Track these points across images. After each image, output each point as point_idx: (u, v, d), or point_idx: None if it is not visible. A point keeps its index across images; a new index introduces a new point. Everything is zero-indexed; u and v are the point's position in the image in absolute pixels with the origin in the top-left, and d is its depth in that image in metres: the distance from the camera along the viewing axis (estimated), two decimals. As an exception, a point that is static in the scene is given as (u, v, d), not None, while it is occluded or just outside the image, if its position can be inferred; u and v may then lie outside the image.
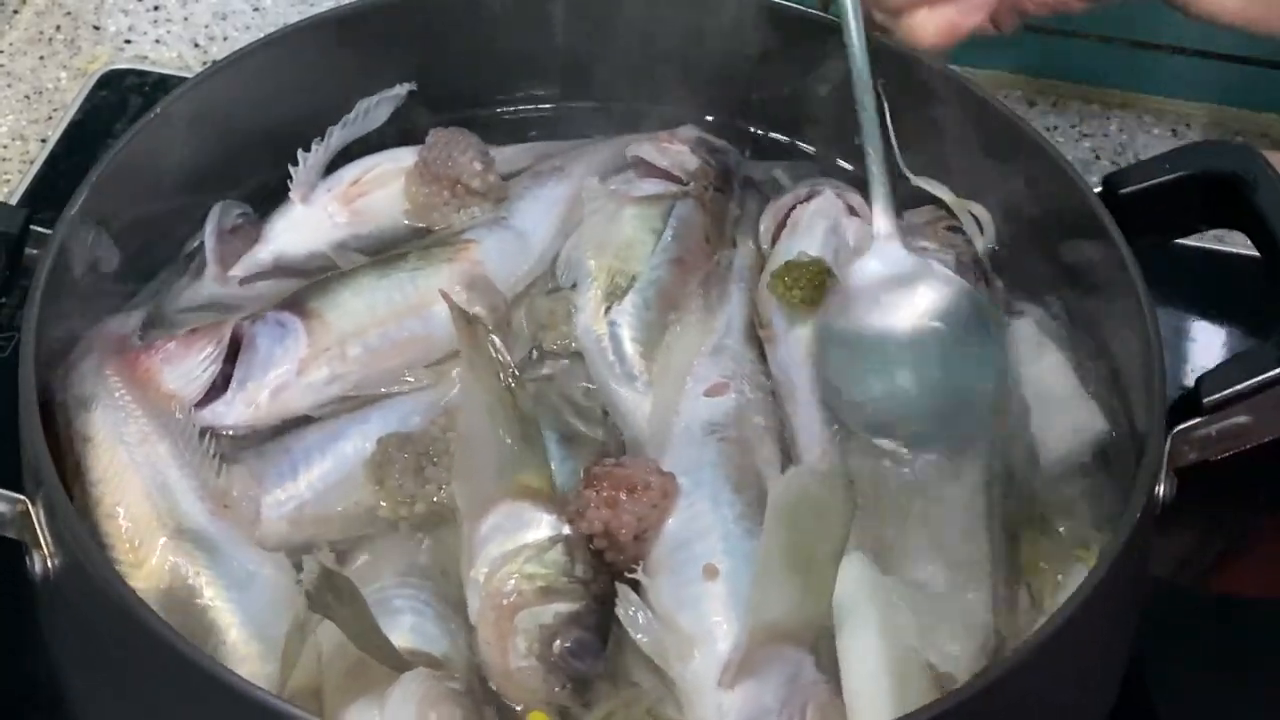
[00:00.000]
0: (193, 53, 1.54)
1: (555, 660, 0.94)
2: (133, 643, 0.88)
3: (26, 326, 0.98)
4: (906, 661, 0.94)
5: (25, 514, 0.92)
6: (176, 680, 0.87)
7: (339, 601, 0.90)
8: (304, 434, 1.07)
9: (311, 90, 1.21)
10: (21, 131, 1.45)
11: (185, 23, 1.56)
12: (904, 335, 1.09)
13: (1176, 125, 1.51)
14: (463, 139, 1.20)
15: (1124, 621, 1.00)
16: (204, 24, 1.56)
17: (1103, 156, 1.48)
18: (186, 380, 1.07)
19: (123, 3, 1.57)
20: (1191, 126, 1.51)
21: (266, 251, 1.18)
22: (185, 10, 1.57)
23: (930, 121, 1.16)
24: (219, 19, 1.57)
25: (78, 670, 0.98)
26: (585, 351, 1.12)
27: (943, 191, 1.18)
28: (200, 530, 1.00)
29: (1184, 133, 1.51)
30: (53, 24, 1.55)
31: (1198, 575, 1.19)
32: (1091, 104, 1.52)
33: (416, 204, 1.20)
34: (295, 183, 1.19)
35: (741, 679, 0.92)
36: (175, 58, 1.53)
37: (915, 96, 1.16)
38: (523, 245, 1.17)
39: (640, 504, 0.98)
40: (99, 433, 1.03)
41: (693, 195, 1.19)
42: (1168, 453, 0.98)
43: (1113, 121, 1.51)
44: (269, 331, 1.09)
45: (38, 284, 1.01)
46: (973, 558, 1.01)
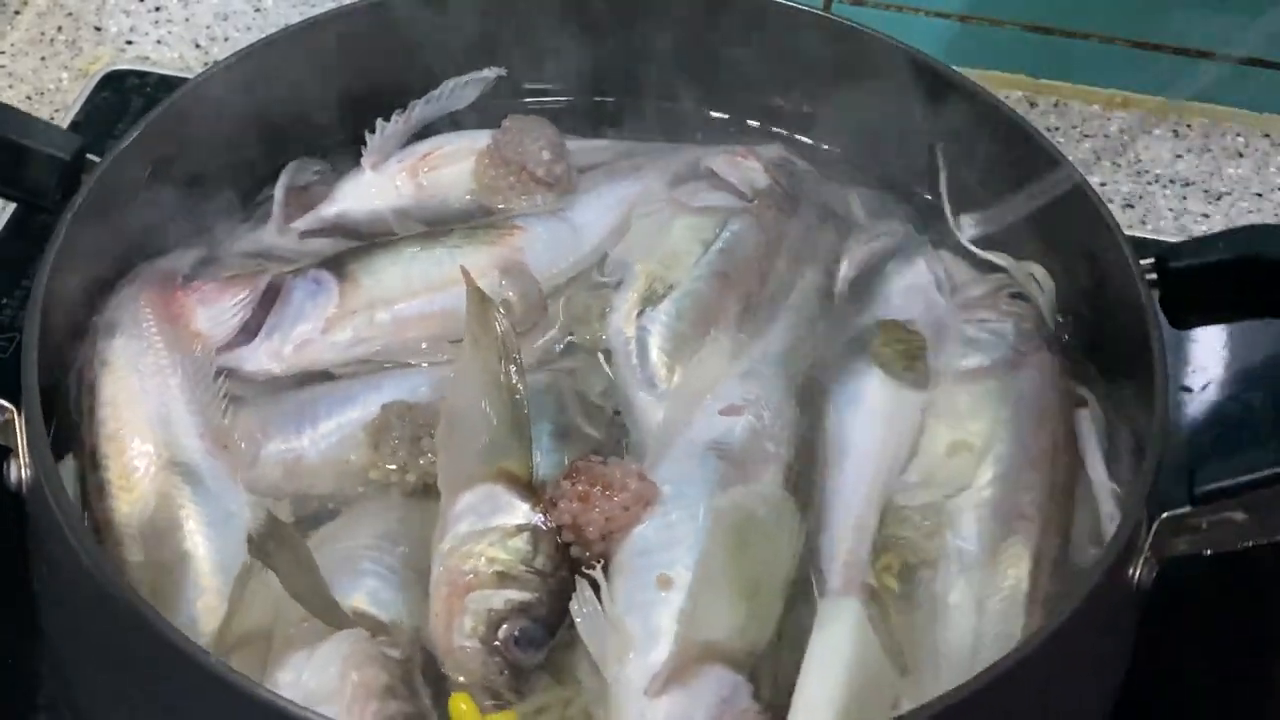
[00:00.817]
0: (194, 53, 1.54)
1: (497, 645, 0.94)
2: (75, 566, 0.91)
3: (53, 246, 1.02)
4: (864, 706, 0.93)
5: (10, 423, 0.96)
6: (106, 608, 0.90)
7: (281, 552, 0.92)
8: (319, 389, 1.10)
9: (402, 60, 1.23)
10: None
11: (186, 23, 1.57)
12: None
13: (1177, 126, 1.52)
14: (537, 128, 1.21)
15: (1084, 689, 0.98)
16: (205, 24, 1.57)
17: (1103, 157, 1.48)
18: (216, 322, 1.10)
19: (124, 4, 1.58)
20: (1193, 127, 1.52)
21: (330, 210, 1.21)
22: (186, 11, 1.58)
23: (994, 179, 1.15)
24: (220, 19, 1.57)
25: (42, 574, 1.01)
26: (613, 351, 1.12)
27: (1003, 259, 1.16)
28: (193, 466, 1.03)
29: (1184, 133, 1.52)
30: (54, 25, 1.56)
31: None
32: (1092, 104, 1.52)
33: (482, 184, 1.21)
34: (369, 149, 1.21)
35: (670, 690, 0.91)
36: (177, 58, 1.54)
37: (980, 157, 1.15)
38: (574, 237, 1.18)
39: (612, 504, 0.99)
40: (117, 358, 1.06)
41: (752, 213, 1.18)
42: (1151, 536, 0.95)
43: (1114, 122, 1.52)
44: (305, 287, 1.12)
45: (73, 205, 1.04)
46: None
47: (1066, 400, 1.09)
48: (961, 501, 1.03)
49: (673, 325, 1.12)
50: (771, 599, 0.95)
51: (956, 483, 1.04)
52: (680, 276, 1.14)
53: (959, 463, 1.05)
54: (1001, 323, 1.11)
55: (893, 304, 1.12)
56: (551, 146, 1.20)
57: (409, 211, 1.21)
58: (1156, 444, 0.97)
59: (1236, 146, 1.52)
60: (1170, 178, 1.49)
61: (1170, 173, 1.49)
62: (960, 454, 1.05)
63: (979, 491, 1.03)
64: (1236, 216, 1.46)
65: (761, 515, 0.97)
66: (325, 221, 1.21)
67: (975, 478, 1.04)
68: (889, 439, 1.06)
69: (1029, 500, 1.02)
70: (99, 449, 1.03)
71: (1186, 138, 1.51)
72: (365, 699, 0.90)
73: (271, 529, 0.92)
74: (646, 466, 1.04)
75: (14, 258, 1.30)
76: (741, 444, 1.05)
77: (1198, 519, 0.96)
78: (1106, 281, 1.09)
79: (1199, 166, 1.50)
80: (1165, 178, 1.49)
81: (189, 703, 0.88)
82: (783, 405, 1.08)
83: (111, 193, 1.08)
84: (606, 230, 1.19)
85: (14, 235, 1.33)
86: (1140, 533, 0.95)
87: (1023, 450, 1.04)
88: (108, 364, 1.06)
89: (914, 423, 1.07)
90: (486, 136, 1.22)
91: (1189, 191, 1.48)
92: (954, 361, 1.10)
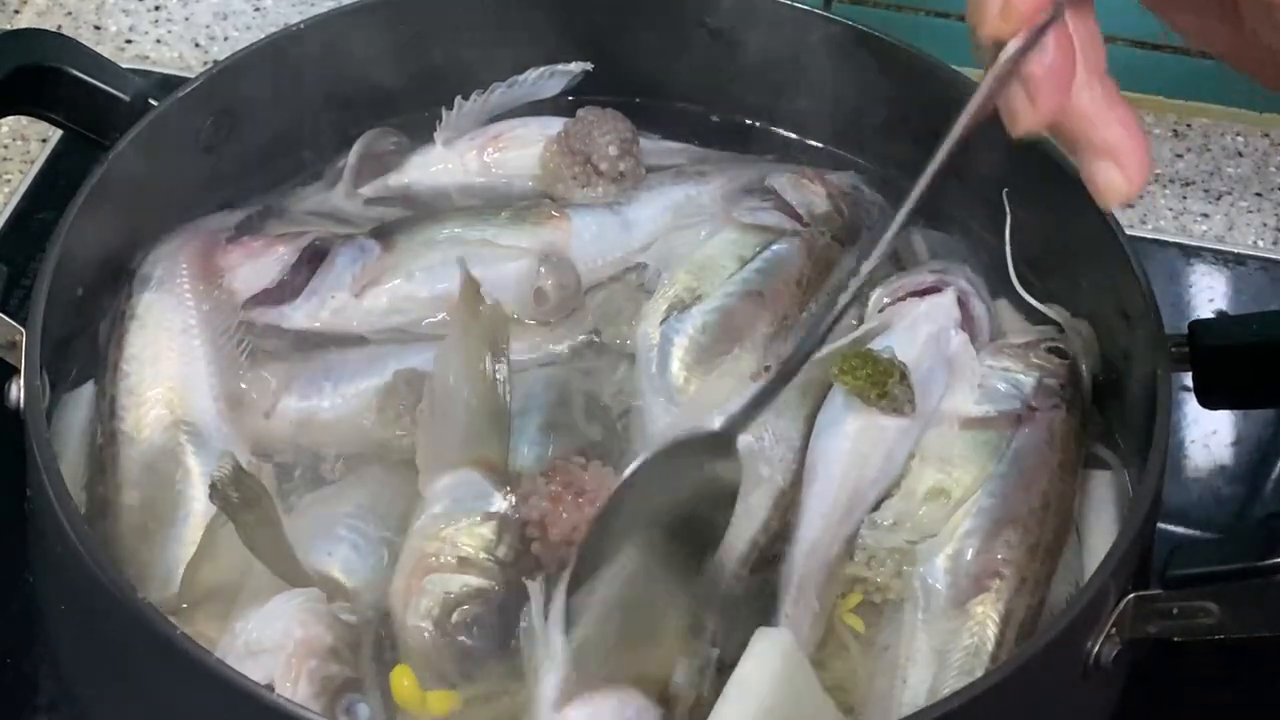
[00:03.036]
0: (194, 52, 1.54)
1: (449, 628, 0.96)
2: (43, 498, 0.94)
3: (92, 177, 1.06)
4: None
5: (17, 345, 0.99)
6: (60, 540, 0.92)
7: (242, 503, 0.94)
8: (349, 352, 1.12)
9: (490, 41, 1.25)
10: (22, 131, 1.45)
11: (186, 23, 1.57)
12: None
13: (1178, 126, 1.52)
14: (609, 121, 1.21)
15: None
16: (205, 24, 1.57)
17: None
18: (253, 279, 1.12)
19: (123, 3, 1.58)
20: (1193, 127, 1.52)
21: (398, 180, 1.23)
22: (186, 10, 1.58)
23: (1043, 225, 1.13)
24: (220, 19, 1.58)
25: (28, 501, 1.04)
26: (636, 355, 1.12)
27: (1057, 313, 1.14)
28: (202, 426, 1.05)
29: (1185, 133, 1.52)
30: (54, 24, 1.55)
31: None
32: None
33: (547, 170, 1.22)
34: (443, 125, 1.23)
35: (576, 707, 0.90)
36: (176, 58, 1.54)
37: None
38: (623, 234, 1.18)
39: (580, 511, 0.99)
40: (147, 313, 1.10)
41: (801, 237, 1.17)
42: (1117, 611, 0.93)
43: None
44: (349, 252, 1.15)
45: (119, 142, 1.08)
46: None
47: (1072, 462, 1.06)
48: (931, 548, 1.01)
49: (695, 337, 1.11)
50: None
51: (927, 529, 1.02)
52: (710, 289, 1.13)
53: (933, 509, 1.02)
54: (1024, 375, 1.08)
55: (895, 334, 1.10)
56: (620, 142, 1.21)
57: (473, 189, 1.23)
58: (1135, 519, 0.95)
59: (1236, 146, 1.52)
60: (1170, 177, 1.48)
61: (1170, 172, 1.48)
62: (937, 500, 1.03)
63: (952, 542, 1.01)
64: (1236, 216, 1.46)
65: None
66: (392, 191, 1.23)
67: (949, 527, 1.02)
68: (854, 468, 1.03)
69: (1005, 558, 1.00)
70: (117, 400, 1.06)
71: (1186, 137, 1.51)
72: (305, 656, 0.91)
73: (235, 478, 0.94)
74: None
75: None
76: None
77: (1169, 603, 0.93)
78: (1134, 349, 1.06)
79: (1199, 166, 1.49)
80: (1165, 177, 1.48)
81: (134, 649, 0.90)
82: (788, 432, 1.07)
83: (165, 139, 1.11)
84: (657, 232, 1.19)
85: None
86: (1105, 607, 0.93)
87: (1006, 507, 1.02)
88: (137, 317, 1.09)
89: (889, 453, 1.04)
90: (559, 124, 1.23)
91: (1189, 191, 1.48)
92: (961, 405, 1.07)
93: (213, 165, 1.16)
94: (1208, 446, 1.26)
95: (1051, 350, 1.11)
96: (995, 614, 0.98)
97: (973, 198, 1.19)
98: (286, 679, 0.90)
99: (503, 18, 1.24)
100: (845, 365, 1.05)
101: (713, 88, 1.28)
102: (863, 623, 1.00)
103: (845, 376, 1.04)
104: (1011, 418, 1.06)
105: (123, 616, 0.87)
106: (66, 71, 1.10)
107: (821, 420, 1.06)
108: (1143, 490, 0.96)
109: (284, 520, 0.99)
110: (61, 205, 1.05)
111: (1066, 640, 0.91)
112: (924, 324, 1.10)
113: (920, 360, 1.08)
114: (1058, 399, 1.08)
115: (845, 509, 1.02)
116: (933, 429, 1.06)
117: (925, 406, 1.06)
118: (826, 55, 1.23)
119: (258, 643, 0.92)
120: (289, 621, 0.92)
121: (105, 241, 1.09)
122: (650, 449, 0.96)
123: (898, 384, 1.04)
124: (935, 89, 1.18)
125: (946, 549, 1.01)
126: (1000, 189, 1.16)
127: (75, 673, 1.01)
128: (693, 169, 1.24)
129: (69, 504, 0.91)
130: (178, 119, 1.12)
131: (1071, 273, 1.14)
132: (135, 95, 1.11)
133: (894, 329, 1.11)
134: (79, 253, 1.05)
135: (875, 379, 1.04)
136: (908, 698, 0.97)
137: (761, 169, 1.24)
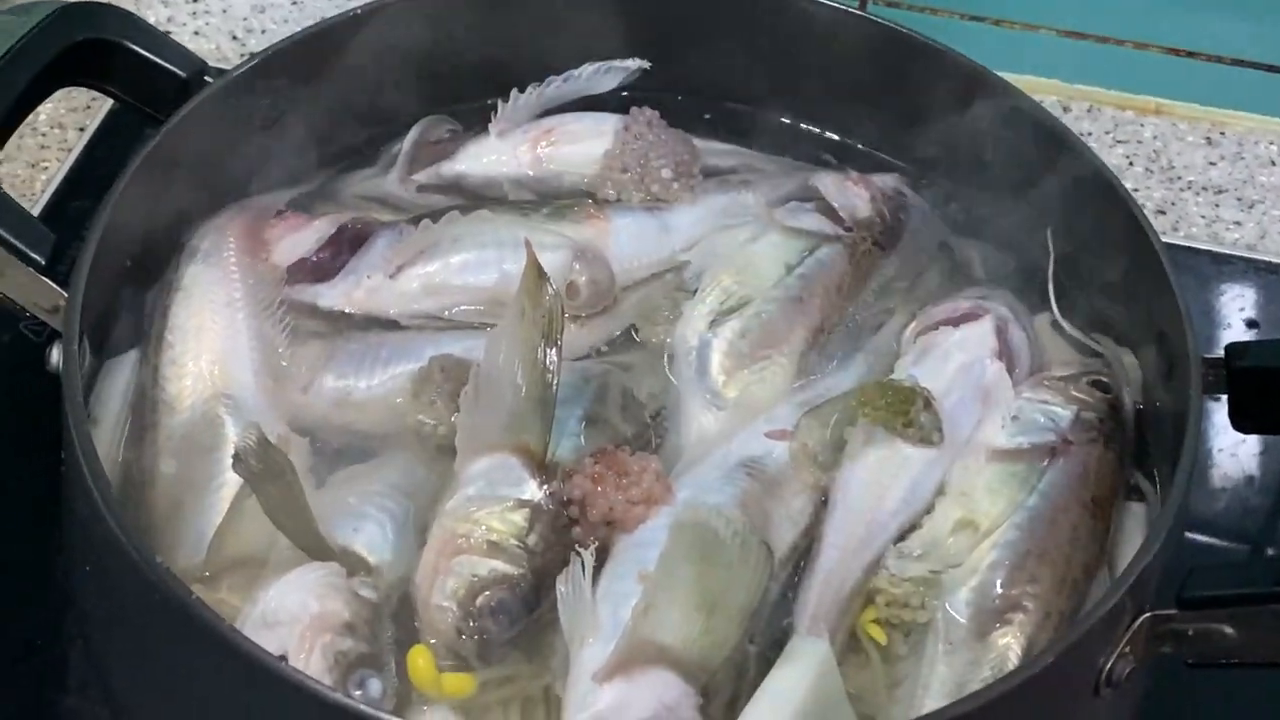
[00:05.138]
0: (231, 45, 1.55)
1: (472, 611, 0.96)
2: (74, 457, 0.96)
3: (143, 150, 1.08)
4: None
5: (59, 310, 1.01)
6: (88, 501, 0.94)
7: (265, 473, 0.95)
8: (387, 335, 1.13)
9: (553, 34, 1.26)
10: (60, 120, 1.45)
11: (224, 15, 1.58)
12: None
13: (1210, 133, 1.52)
14: (667, 145, 1.22)
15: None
16: (242, 16, 1.58)
17: (1136, 163, 1.48)
18: (289, 251, 1.14)
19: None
20: (1226, 134, 1.52)
21: (451, 168, 1.24)
22: (224, 3, 1.59)
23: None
24: (257, 12, 1.58)
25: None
26: (675, 356, 1.13)
27: (1102, 344, 1.14)
28: (241, 399, 1.07)
29: (1218, 140, 1.51)
30: None
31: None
32: (1125, 110, 1.51)
33: (600, 168, 1.23)
34: (498, 117, 1.24)
35: (615, 681, 0.92)
36: (214, 49, 1.54)
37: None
38: (662, 237, 1.19)
39: (621, 494, 1.00)
40: (193, 285, 1.12)
41: (844, 243, 1.17)
42: (1131, 631, 0.93)
43: (1146, 128, 1.51)
44: (389, 236, 1.16)
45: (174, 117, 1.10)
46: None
47: (1107, 496, 1.05)
48: (956, 579, 1.00)
49: (735, 342, 1.12)
50: (727, 621, 0.95)
51: (953, 560, 1.01)
52: (753, 294, 1.14)
53: (960, 540, 1.02)
54: (1062, 408, 1.08)
55: (925, 362, 1.10)
56: (676, 166, 1.21)
57: (524, 182, 1.24)
58: (1156, 538, 0.94)
59: (1270, 155, 1.52)
60: (1203, 185, 1.48)
61: (1203, 180, 1.48)
62: (964, 531, 1.02)
63: (978, 574, 1.00)
64: (1269, 225, 1.46)
65: (723, 535, 0.97)
66: (444, 179, 1.24)
67: (974, 558, 1.01)
68: (873, 498, 1.03)
69: (1031, 592, 0.99)
70: (160, 370, 1.08)
71: (1220, 145, 1.51)
72: (319, 630, 0.92)
73: (259, 449, 0.95)
74: (675, 471, 1.05)
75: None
76: (778, 467, 1.05)
77: (1184, 625, 0.93)
78: (1168, 369, 1.06)
79: (1232, 174, 1.49)
80: (1198, 185, 1.48)
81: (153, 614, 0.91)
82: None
83: (220, 115, 1.13)
84: (697, 237, 1.19)
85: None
86: (1120, 623, 0.92)
87: (1033, 541, 1.01)
88: (183, 289, 1.11)
89: (913, 483, 1.04)
90: (613, 121, 1.24)
91: (1221, 199, 1.47)
92: (992, 436, 1.07)
93: (266, 144, 1.18)
94: (1235, 455, 1.25)
95: (1094, 384, 1.10)
96: (1018, 647, 0.98)
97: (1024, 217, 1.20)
98: (300, 651, 0.91)
99: (560, 11, 1.26)
100: (863, 398, 1.05)
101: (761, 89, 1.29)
102: (884, 634, 1.00)
103: (865, 409, 1.04)
104: (1044, 450, 1.05)
105: (141, 580, 0.89)
106: (127, 46, 1.12)
107: (848, 449, 1.05)
108: (1166, 510, 0.96)
109: (313, 495, 1.01)
110: (112, 176, 1.07)
111: (1079, 654, 0.91)
112: (957, 353, 1.10)
113: (950, 389, 1.08)
114: (1095, 433, 1.07)
115: (862, 540, 1.02)
116: (962, 460, 1.06)
117: (955, 436, 1.05)
118: (871, 59, 1.24)
119: (274, 614, 0.93)
120: (306, 595, 0.94)
121: (155, 213, 1.10)
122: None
123: (922, 411, 1.04)
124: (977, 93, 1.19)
125: (971, 580, 1.00)
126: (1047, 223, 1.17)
127: (97, 636, 1.02)
128: (737, 179, 1.25)
129: (96, 464, 0.92)
130: (234, 97, 1.14)
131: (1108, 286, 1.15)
132: (193, 73, 1.13)
133: (925, 357, 1.11)
134: (128, 223, 1.07)
135: (897, 408, 1.04)
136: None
137: (805, 176, 1.24)
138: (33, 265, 1.01)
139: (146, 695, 0.98)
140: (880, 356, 1.14)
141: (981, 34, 1.46)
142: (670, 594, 0.95)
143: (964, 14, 1.48)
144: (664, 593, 0.95)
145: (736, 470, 1.04)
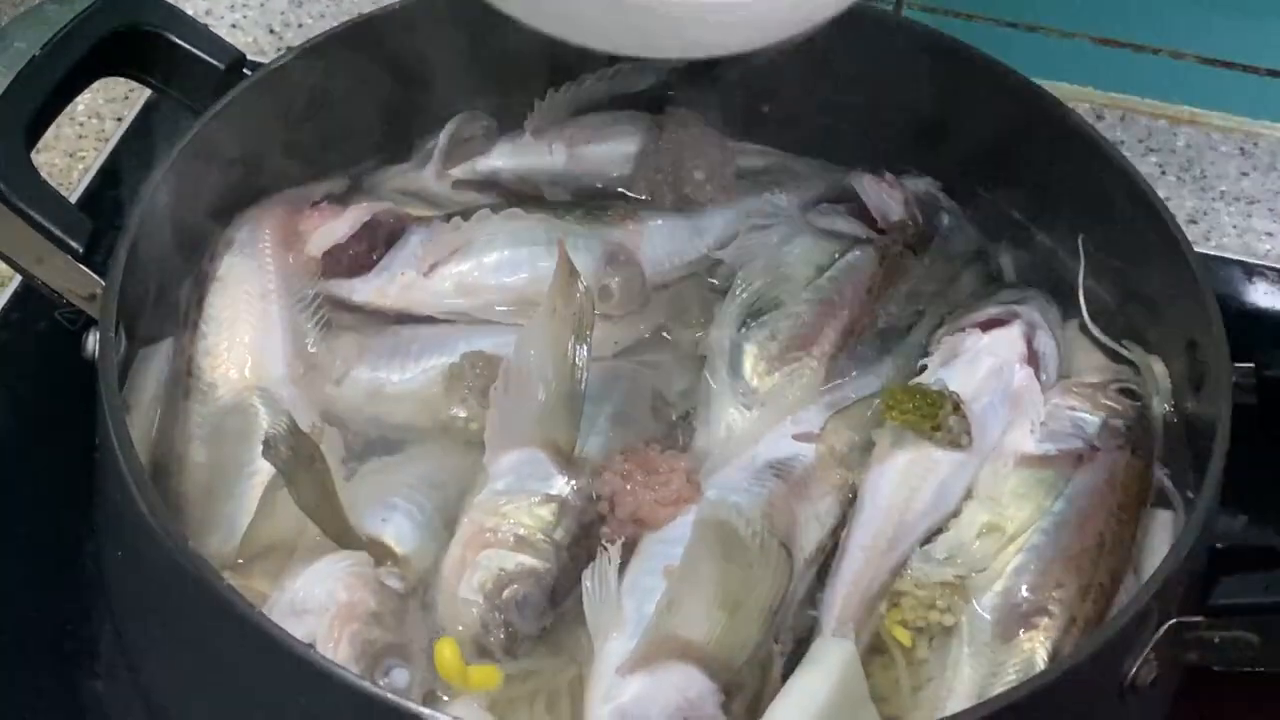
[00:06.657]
0: (268, 39, 1.55)
1: (498, 605, 0.97)
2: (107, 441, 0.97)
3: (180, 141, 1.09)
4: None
5: (95, 297, 1.02)
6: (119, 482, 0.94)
7: (295, 462, 0.96)
8: (420, 329, 1.14)
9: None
10: (98, 110, 1.46)
11: (262, 9, 1.57)
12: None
13: (1244, 144, 1.49)
14: (700, 146, 1.22)
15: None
16: (280, 10, 1.57)
17: (1169, 172, 1.47)
18: (322, 239, 1.15)
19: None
20: (1259, 145, 1.50)
21: (486, 165, 1.25)
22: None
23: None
24: (295, 5, 1.57)
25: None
26: (707, 357, 1.13)
27: (1132, 351, 1.14)
28: (274, 390, 1.08)
29: (1251, 151, 1.49)
30: None
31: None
32: (1159, 119, 1.49)
33: (633, 168, 1.23)
34: (534, 114, 1.25)
35: (638, 674, 0.93)
36: (251, 43, 1.54)
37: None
38: (693, 239, 1.20)
39: (650, 493, 1.01)
40: (228, 275, 1.12)
41: (875, 245, 1.18)
42: (1156, 637, 0.93)
43: (1180, 137, 1.49)
44: (422, 232, 1.17)
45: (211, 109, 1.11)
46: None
47: (1133, 503, 1.05)
48: (981, 583, 1.01)
49: (765, 344, 1.12)
50: (749, 620, 0.95)
51: (979, 564, 1.01)
52: (785, 297, 1.14)
53: (985, 544, 1.02)
54: (1090, 415, 1.08)
55: (955, 366, 1.10)
56: (709, 167, 1.21)
57: (558, 179, 1.24)
58: (1184, 544, 0.94)
59: None
60: (1235, 195, 1.47)
61: (1236, 190, 1.47)
62: (990, 535, 1.02)
63: (1003, 578, 1.01)
64: None
65: (743, 535, 0.98)
66: (479, 175, 1.25)
67: (999, 562, 1.01)
68: (901, 501, 1.03)
69: (1056, 597, 0.99)
70: (194, 359, 1.09)
71: (1253, 155, 1.49)
72: (347, 619, 0.93)
73: (289, 437, 0.96)
74: (704, 471, 1.05)
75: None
76: (805, 469, 1.06)
77: (1210, 632, 0.93)
78: (1199, 377, 1.06)
79: (1265, 185, 1.48)
80: (1230, 195, 1.47)
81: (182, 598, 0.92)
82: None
83: (259, 107, 1.14)
84: (728, 238, 1.20)
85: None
86: (1145, 629, 0.93)
87: (1059, 547, 1.01)
88: (219, 279, 1.12)
89: (941, 486, 1.04)
90: (647, 121, 1.25)
91: (1254, 209, 1.46)
92: (1021, 442, 1.07)
93: (304, 136, 1.18)
94: (1264, 464, 1.23)
95: (1123, 391, 1.11)
96: (1043, 651, 0.98)
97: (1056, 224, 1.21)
98: (329, 640, 0.92)
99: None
100: (891, 401, 1.05)
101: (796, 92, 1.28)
102: (911, 640, 1.01)
103: (893, 412, 1.04)
104: (1072, 457, 1.06)
105: (173, 566, 0.90)
106: (166, 36, 1.13)
107: (875, 451, 1.05)
108: (1193, 519, 0.96)
109: (344, 485, 1.02)
110: (149, 167, 1.08)
111: (1104, 658, 0.91)
112: (986, 357, 1.10)
113: (979, 394, 1.08)
114: (1123, 440, 1.07)
115: (889, 542, 1.02)
116: (990, 464, 1.06)
117: (983, 441, 1.06)
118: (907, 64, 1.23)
119: (303, 602, 0.94)
120: (334, 584, 0.94)
121: (191, 204, 1.11)
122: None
123: (951, 415, 1.04)
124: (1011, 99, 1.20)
125: (996, 585, 1.00)
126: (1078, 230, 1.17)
127: (127, 620, 1.03)
128: (768, 179, 1.25)
129: (130, 450, 0.93)
130: (273, 89, 1.15)
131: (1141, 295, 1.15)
132: (231, 64, 1.14)
133: (955, 361, 1.11)
134: (166, 212, 1.07)
135: (925, 411, 1.04)
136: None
137: (836, 180, 1.25)
138: (70, 253, 1.02)
139: (175, 680, 0.99)
140: (909, 360, 1.14)
141: (1016, 40, 1.46)
142: (693, 590, 0.95)
143: (999, 20, 1.48)
144: (687, 589, 0.96)
145: (764, 471, 1.05)
